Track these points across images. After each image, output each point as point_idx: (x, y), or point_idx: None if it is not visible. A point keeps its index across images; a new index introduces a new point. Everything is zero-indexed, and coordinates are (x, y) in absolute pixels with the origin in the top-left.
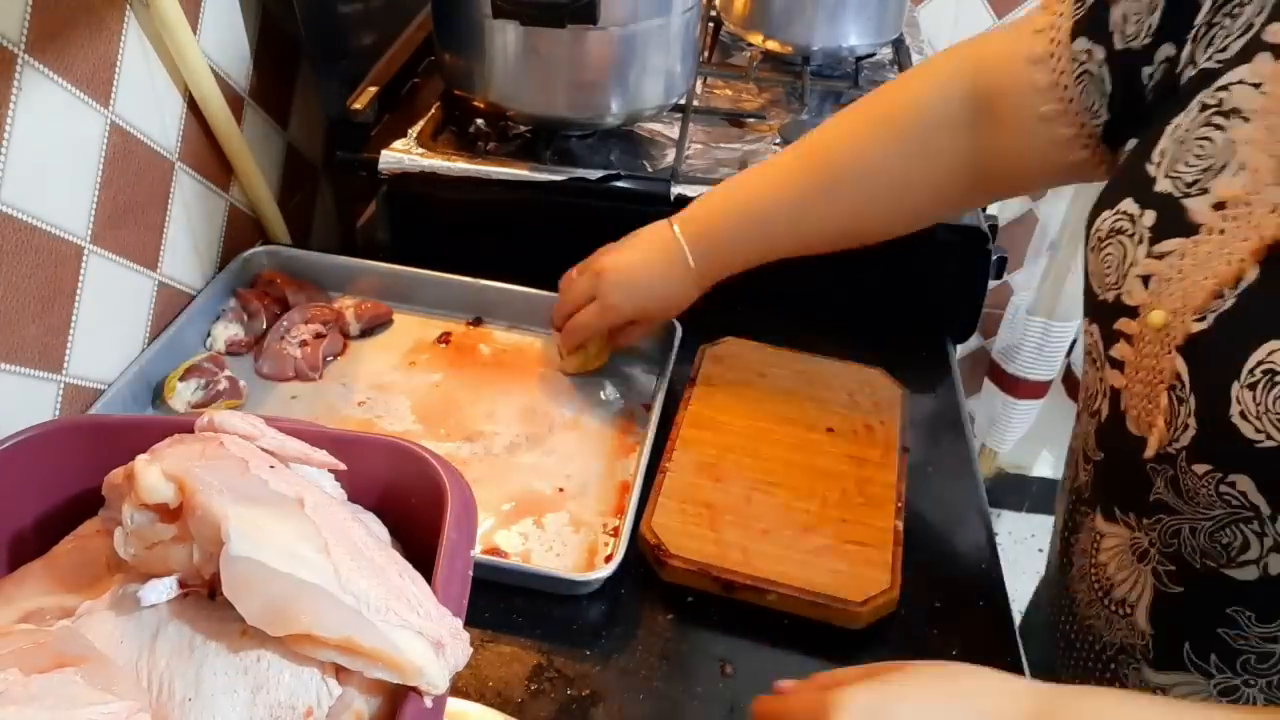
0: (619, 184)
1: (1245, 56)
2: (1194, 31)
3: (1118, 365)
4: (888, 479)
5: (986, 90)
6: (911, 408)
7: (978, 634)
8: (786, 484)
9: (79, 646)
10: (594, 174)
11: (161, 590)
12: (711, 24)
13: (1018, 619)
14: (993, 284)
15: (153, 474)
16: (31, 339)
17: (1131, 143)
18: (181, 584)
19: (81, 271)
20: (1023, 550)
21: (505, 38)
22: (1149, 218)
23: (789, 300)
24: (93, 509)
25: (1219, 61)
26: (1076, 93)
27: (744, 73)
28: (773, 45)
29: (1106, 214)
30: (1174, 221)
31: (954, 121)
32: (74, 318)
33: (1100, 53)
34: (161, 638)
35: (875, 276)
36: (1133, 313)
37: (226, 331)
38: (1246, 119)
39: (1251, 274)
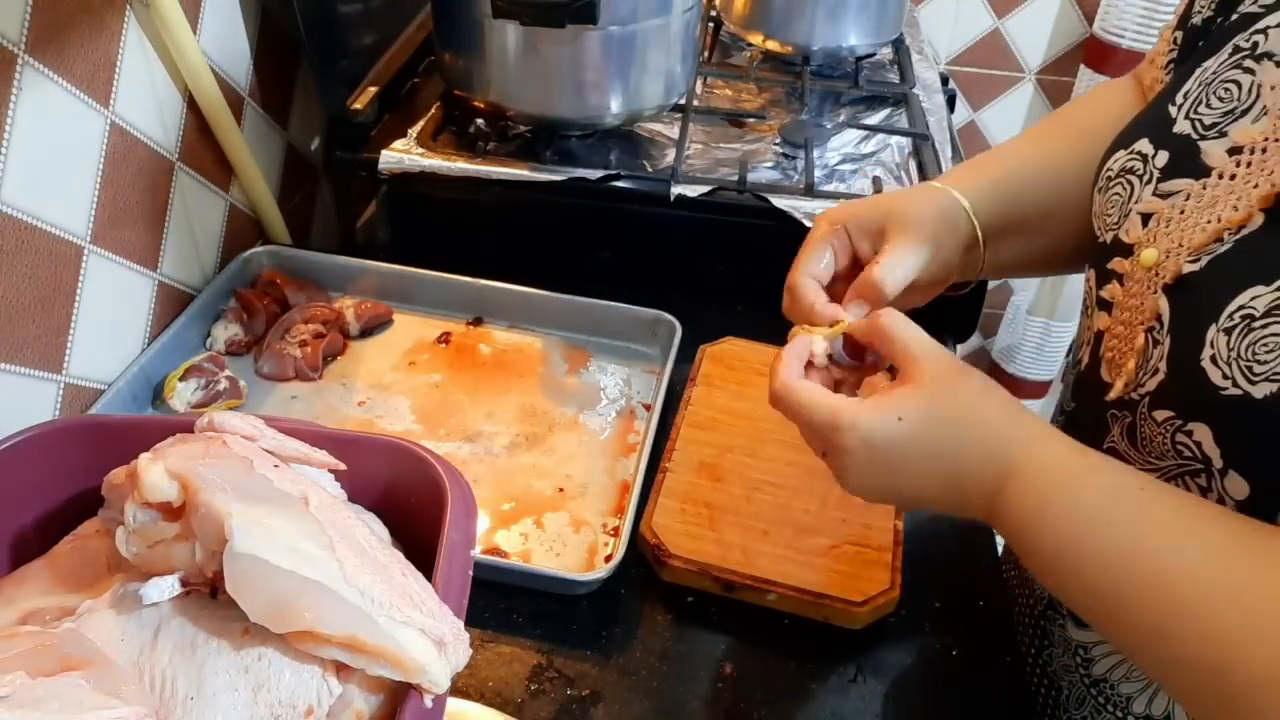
0: (619, 184)
1: None
2: None
3: (1105, 307)
4: None
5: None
6: None
7: (978, 634)
8: (786, 484)
9: (85, 650)
10: (594, 174)
11: (164, 588)
12: (711, 24)
13: None
14: (993, 284)
15: (156, 472)
16: (31, 339)
17: None
18: (183, 582)
19: (81, 271)
20: None
21: (505, 38)
22: (1161, 157)
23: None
24: (93, 509)
25: (1262, 6)
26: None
27: (744, 73)
28: (773, 45)
29: (1120, 154)
30: (1186, 162)
31: None
32: (74, 318)
33: (1180, 37)
34: (163, 636)
35: None
36: (1127, 251)
37: (226, 331)
38: (1278, 63)
39: (1256, 220)
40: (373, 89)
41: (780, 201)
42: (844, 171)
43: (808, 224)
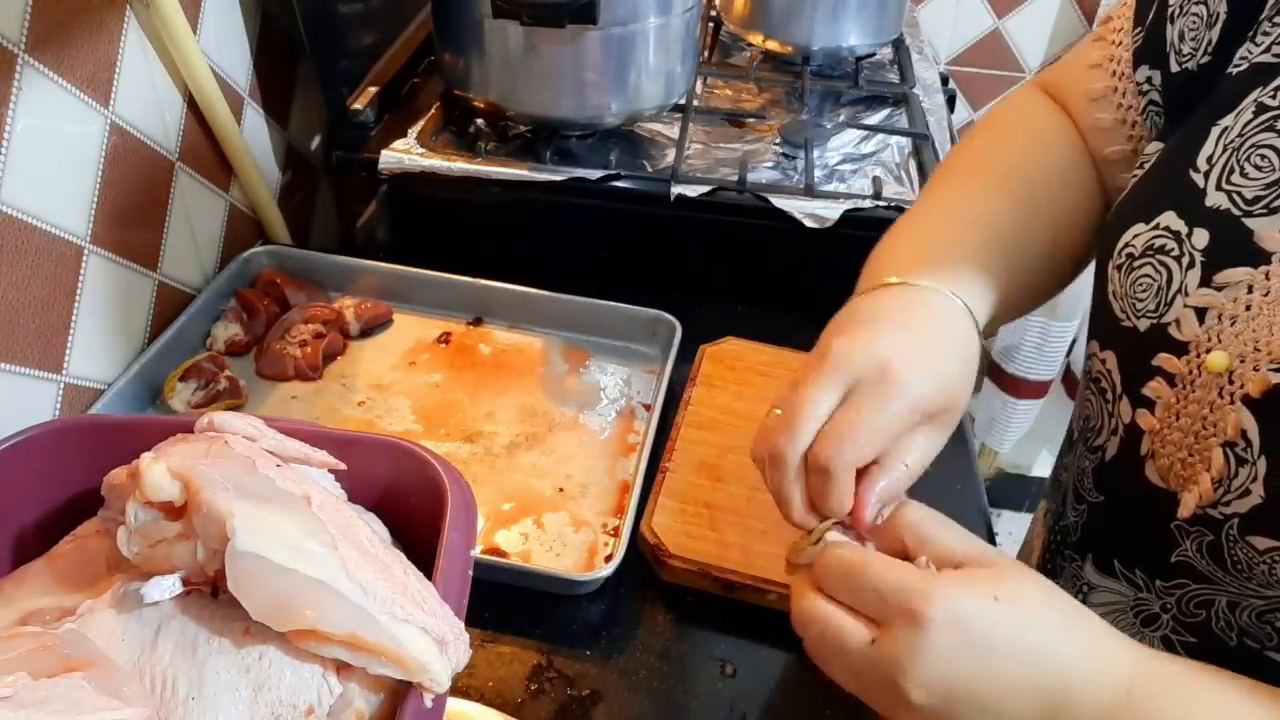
0: (619, 184)
1: None
2: (1255, 25)
3: (1146, 404)
4: None
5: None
6: None
7: None
8: None
9: (86, 650)
10: (594, 174)
11: (165, 587)
12: (711, 24)
13: None
14: None
15: (158, 471)
16: (31, 339)
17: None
18: (184, 582)
19: (81, 271)
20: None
21: (505, 38)
22: (1200, 237)
23: (789, 300)
24: (93, 509)
25: (1277, 55)
26: (1145, 129)
27: (744, 73)
28: (773, 45)
29: (1140, 228)
30: (1236, 245)
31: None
32: (74, 318)
33: (1158, 78)
34: (164, 636)
35: None
36: (1179, 349)
37: (226, 331)
38: None
39: None
40: (373, 89)
41: (780, 201)
42: (844, 171)
43: (808, 224)
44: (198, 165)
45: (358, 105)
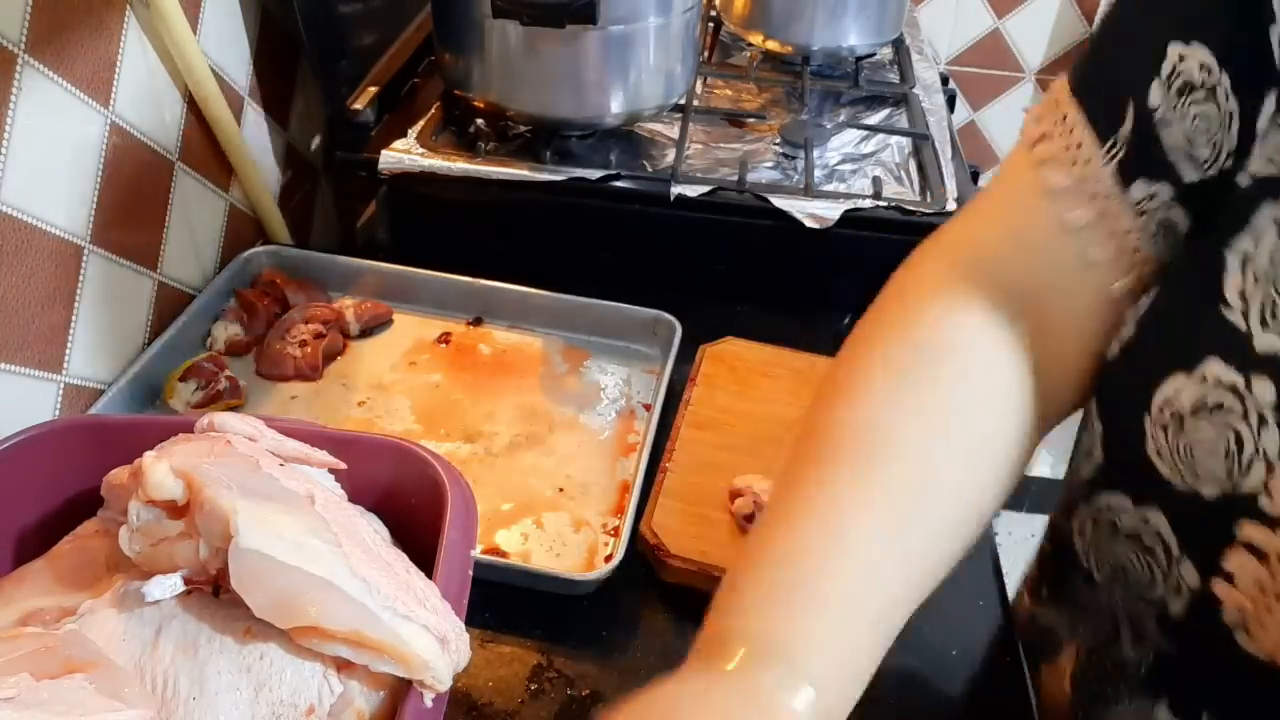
0: (619, 184)
1: None
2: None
3: (1221, 574)
4: None
5: (1020, 294)
6: None
7: (978, 634)
8: None
9: (88, 651)
10: (594, 174)
11: (166, 586)
12: (711, 24)
13: None
14: None
15: (160, 470)
16: (31, 339)
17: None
18: (186, 581)
19: (81, 271)
20: (1022, 550)
21: (505, 38)
22: (1265, 389)
23: (789, 300)
24: (93, 509)
25: None
26: (1151, 256)
27: (744, 73)
28: (773, 45)
29: (1182, 380)
30: None
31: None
32: (74, 318)
33: (1167, 191)
34: (165, 635)
35: (876, 277)
36: (1267, 519)
37: (226, 331)
38: None
39: None
40: (373, 89)
41: (780, 201)
42: (844, 171)
43: (808, 224)
44: (198, 165)
45: (358, 105)
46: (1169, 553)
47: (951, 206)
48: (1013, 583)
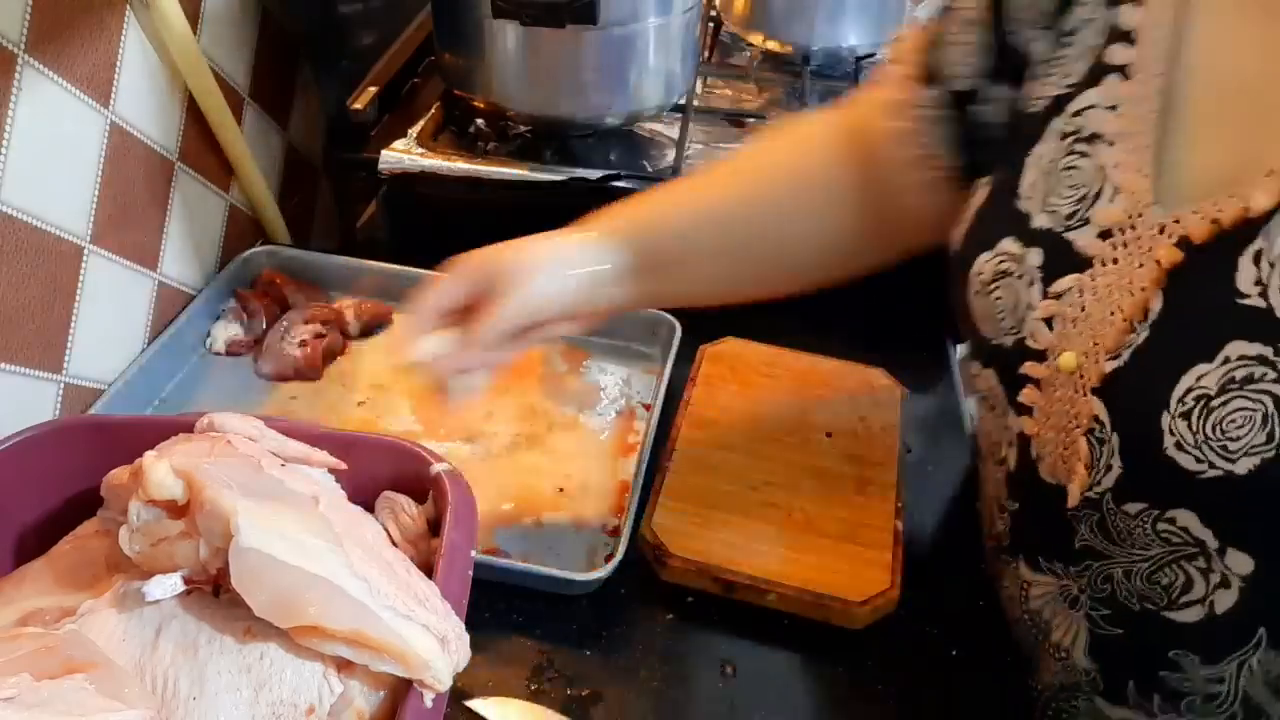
0: (619, 184)
1: (1093, 80)
2: (1030, 70)
3: (1025, 411)
4: (888, 479)
5: (863, 145)
6: (911, 408)
7: (978, 634)
8: (786, 484)
9: (88, 651)
10: (594, 174)
11: (167, 586)
12: (711, 24)
13: None
14: None
15: (161, 470)
16: (31, 339)
17: (982, 181)
18: (186, 581)
19: (81, 271)
20: None
21: (505, 38)
22: (1035, 256)
23: (789, 300)
24: (93, 509)
25: (1067, 87)
26: (932, 136)
27: (744, 73)
28: (773, 45)
29: (984, 256)
30: (1063, 257)
31: (841, 187)
32: (74, 318)
33: (940, 95)
34: (165, 636)
35: (875, 277)
36: (1039, 356)
37: (226, 331)
38: (1110, 142)
39: (1156, 304)
40: (373, 89)
41: None
42: None
43: None
44: (198, 165)
45: (358, 105)
46: (1001, 405)
47: None
48: None
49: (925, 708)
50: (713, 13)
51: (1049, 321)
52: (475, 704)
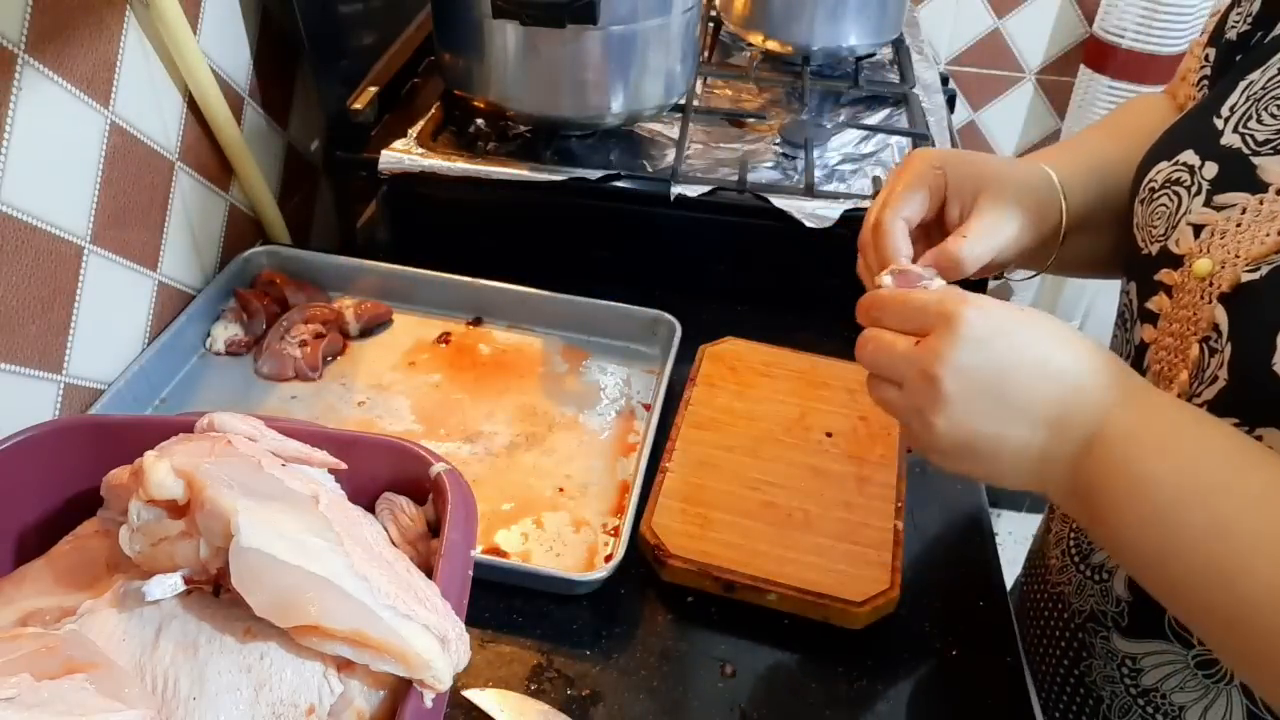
0: (619, 184)
1: None
2: None
3: (1150, 319)
4: (888, 479)
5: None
6: None
7: (978, 634)
8: (786, 484)
9: (88, 651)
10: (594, 174)
11: (167, 586)
12: (711, 24)
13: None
14: (993, 284)
15: (161, 470)
16: (31, 339)
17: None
18: (186, 581)
19: (81, 271)
20: (1022, 550)
21: (505, 38)
22: (1210, 169)
23: (789, 300)
24: (93, 509)
25: None
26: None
27: (744, 73)
28: (773, 45)
29: (1163, 165)
30: (1240, 176)
31: None
32: (74, 318)
33: (1214, 54)
34: (165, 635)
35: None
36: (1177, 262)
37: (226, 331)
38: None
39: None
40: (373, 89)
41: (780, 201)
42: (844, 171)
43: (808, 224)
44: (198, 165)
45: (358, 105)
46: (1129, 314)
47: None
48: (1012, 581)
49: (925, 708)
50: (713, 13)
51: (1198, 230)
52: (471, 694)
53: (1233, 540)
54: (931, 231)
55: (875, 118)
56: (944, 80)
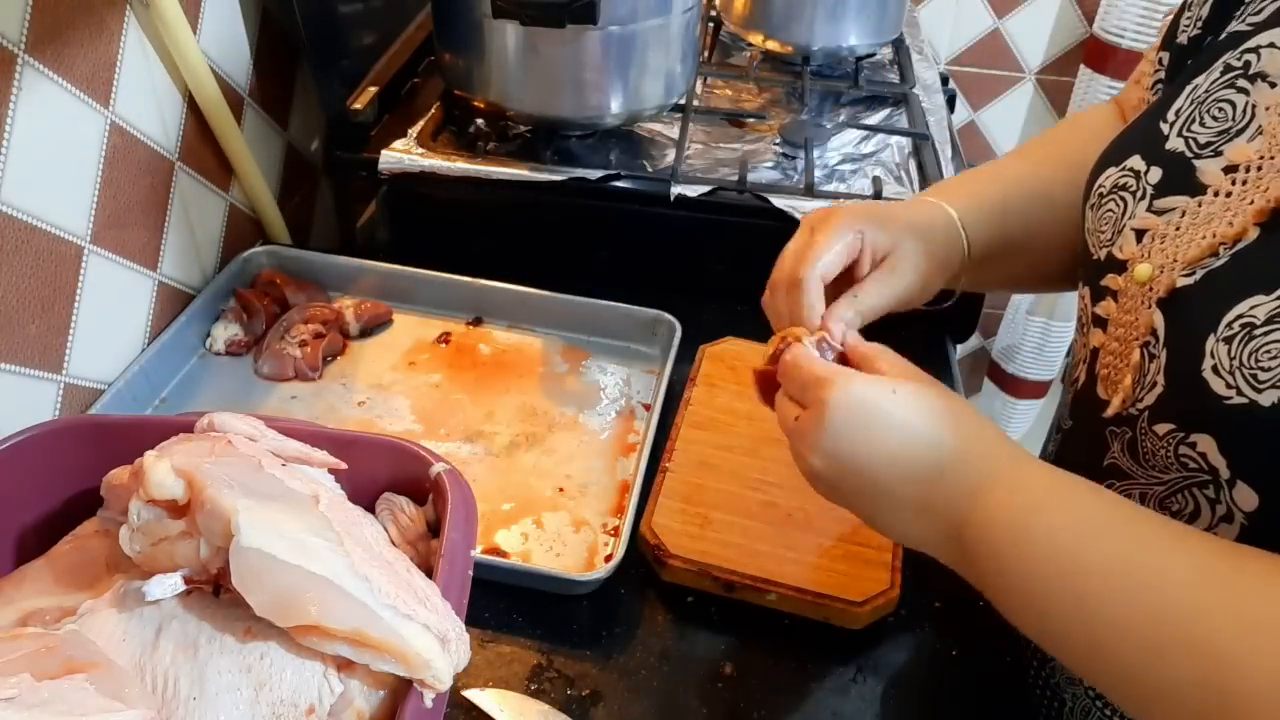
0: (619, 184)
1: (1277, 20)
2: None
3: (1101, 324)
4: None
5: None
6: None
7: (978, 634)
8: (787, 484)
9: (88, 652)
10: (594, 174)
11: (167, 586)
12: (711, 24)
13: None
14: None
15: (162, 469)
16: (31, 339)
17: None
18: (186, 581)
19: (81, 271)
20: None
21: (505, 38)
22: (1154, 174)
23: None
24: (93, 509)
25: (1250, 24)
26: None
27: (744, 73)
28: (773, 45)
29: (1111, 170)
30: (1180, 180)
31: None
32: (74, 318)
33: (1167, 57)
34: (165, 636)
35: None
36: (1121, 267)
37: (226, 331)
38: (1273, 84)
39: (1251, 234)
40: (373, 89)
41: (780, 201)
42: (844, 171)
43: None
44: (198, 165)
45: (358, 105)
46: (1084, 319)
47: None
48: None
49: (925, 708)
50: (713, 13)
51: (1140, 235)
52: (471, 694)
53: (1094, 621)
54: (841, 283)
55: (875, 118)
56: (944, 80)
